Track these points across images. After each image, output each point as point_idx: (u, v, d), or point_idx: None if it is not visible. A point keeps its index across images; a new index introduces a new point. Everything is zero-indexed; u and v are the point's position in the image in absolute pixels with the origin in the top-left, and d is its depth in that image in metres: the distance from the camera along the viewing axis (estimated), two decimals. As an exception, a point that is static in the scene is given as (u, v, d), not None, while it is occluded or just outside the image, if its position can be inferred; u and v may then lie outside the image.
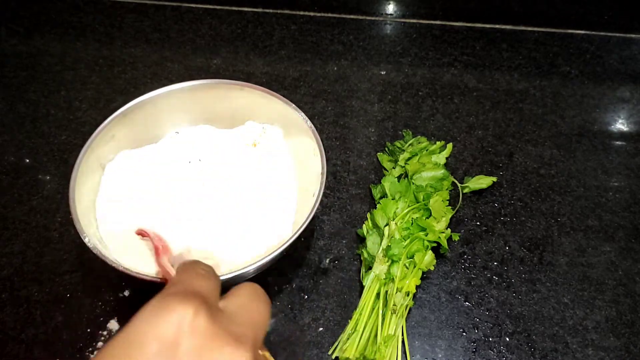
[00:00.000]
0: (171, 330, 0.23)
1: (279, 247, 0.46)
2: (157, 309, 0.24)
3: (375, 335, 0.48)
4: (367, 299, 0.50)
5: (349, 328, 0.50)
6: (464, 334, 0.52)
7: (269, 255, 0.45)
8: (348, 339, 0.49)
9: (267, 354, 0.29)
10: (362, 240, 0.57)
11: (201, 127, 0.60)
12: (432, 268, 0.53)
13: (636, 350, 0.51)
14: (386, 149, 0.65)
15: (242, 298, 0.28)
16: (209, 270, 0.29)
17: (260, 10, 0.84)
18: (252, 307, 0.28)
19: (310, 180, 0.53)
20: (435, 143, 0.63)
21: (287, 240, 0.46)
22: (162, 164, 0.56)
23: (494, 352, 0.51)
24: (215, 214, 0.53)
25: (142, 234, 0.50)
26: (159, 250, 0.46)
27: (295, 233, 0.46)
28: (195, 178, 0.55)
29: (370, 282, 0.51)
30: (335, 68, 0.76)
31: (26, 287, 0.54)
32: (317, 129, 0.53)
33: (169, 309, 0.24)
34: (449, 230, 0.56)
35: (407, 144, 0.63)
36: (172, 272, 0.42)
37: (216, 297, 0.27)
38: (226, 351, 0.23)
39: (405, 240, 0.53)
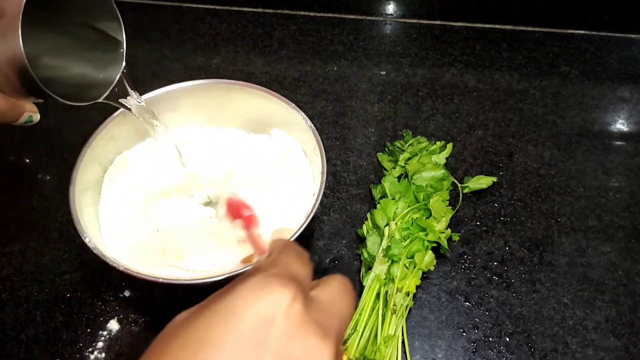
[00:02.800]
0: (269, 310, 0.24)
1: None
2: (258, 288, 0.25)
3: (375, 335, 0.48)
4: (367, 299, 0.50)
5: (349, 328, 0.50)
6: (464, 334, 0.52)
7: (269, 255, 0.45)
8: (348, 339, 0.49)
9: (343, 348, 0.29)
10: (362, 240, 0.57)
11: (201, 127, 0.60)
12: (432, 268, 0.53)
13: (636, 350, 0.51)
14: (386, 149, 0.65)
15: (333, 290, 0.29)
16: (306, 256, 0.30)
17: (260, 10, 0.83)
18: (340, 301, 0.28)
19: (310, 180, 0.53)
20: (435, 143, 0.63)
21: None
22: (162, 164, 0.56)
23: (494, 352, 0.51)
24: (215, 213, 0.53)
25: (233, 204, 0.48)
26: (250, 220, 0.45)
27: (295, 233, 0.46)
28: (195, 178, 0.55)
29: (370, 282, 0.51)
30: (335, 68, 0.76)
31: (26, 287, 0.54)
32: (317, 129, 0.53)
33: (270, 290, 0.24)
34: (449, 230, 0.56)
35: (407, 144, 0.63)
36: (264, 245, 0.42)
37: (309, 284, 0.28)
38: (312, 341, 0.24)
39: (405, 241, 0.52)
